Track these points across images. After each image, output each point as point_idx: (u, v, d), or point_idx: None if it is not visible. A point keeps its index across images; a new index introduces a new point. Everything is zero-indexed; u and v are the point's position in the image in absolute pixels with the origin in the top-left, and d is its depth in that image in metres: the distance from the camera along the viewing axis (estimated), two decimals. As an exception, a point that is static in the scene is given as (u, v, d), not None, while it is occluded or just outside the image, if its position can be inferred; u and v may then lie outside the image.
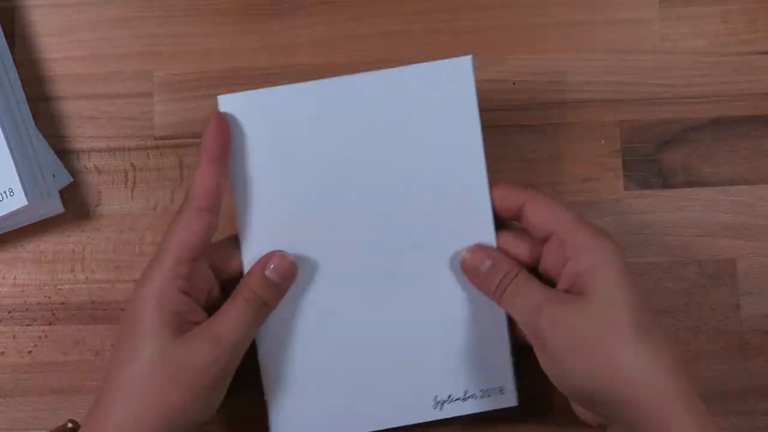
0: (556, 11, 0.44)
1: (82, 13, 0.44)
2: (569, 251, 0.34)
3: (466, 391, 0.39)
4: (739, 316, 0.42)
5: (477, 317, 0.38)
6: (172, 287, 0.34)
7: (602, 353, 0.32)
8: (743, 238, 0.43)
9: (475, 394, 0.39)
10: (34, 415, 0.42)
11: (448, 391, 0.38)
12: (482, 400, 0.39)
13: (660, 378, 0.32)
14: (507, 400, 0.39)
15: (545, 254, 0.36)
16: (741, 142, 0.43)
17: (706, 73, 0.43)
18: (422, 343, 0.38)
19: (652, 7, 0.44)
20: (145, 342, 0.34)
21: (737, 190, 0.43)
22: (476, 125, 0.37)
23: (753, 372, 0.42)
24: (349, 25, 0.44)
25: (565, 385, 0.34)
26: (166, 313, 0.34)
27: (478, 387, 0.39)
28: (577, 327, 0.33)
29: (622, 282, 0.33)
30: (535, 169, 0.43)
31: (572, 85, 0.43)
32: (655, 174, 0.43)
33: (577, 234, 0.35)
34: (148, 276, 0.35)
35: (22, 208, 0.40)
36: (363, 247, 0.38)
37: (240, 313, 0.35)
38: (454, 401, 0.39)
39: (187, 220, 0.35)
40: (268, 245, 0.37)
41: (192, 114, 0.44)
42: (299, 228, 0.37)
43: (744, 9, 0.44)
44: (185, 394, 0.33)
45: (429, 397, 0.38)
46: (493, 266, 0.36)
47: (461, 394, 0.39)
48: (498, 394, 0.39)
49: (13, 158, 0.40)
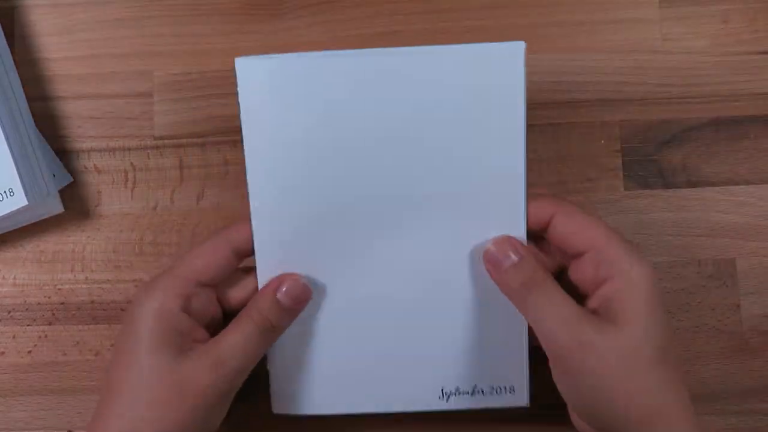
0: (556, 11, 0.44)
1: (82, 13, 0.45)
2: (602, 271, 0.33)
3: (475, 386, 0.37)
4: (739, 316, 0.42)
5: (496, 312, 0.37)
6: (175, 304, 0.34)
7: (625, 382, 0.32)
8: (743, 238, 0.43)
9: (483, 390, 0.37)
10: (34, 415, 0.42)
11: (457, 383, 0.37)
12: (491, 396, 0.37)
13: (674, 409, 0.32)
14: (517, 399, 0.38)
15: (574, 267, 0.35)
16: (741, 142, 0.43)
17: (706, 73, 0.43)
18: (436, 332, 0.37)
19: (652, 7, 0.44)
20: (143, 357, 0.33)
21: (737, 190, 0.43)
22: (521, 114, 0.35)
23: (753, 372, 0.42)
24: (349, 25, 0.44)
25: (574, 399, 0.34)
26: (167, 329, 0.33)
27: (488, 383, 0.37)
28: (606, 355, 0.32)
29: (652, 311, 0.33)
30: (535, 169, 0.43)
31: (572, 85, 0.43)
32: (655, 174, 0.43)
33: (613, 249, 0.33)
34: (151, 289, 0.34)
35: (22, 208, 0.40)
36: (385, 230, 0.36)
37: (245, 336, 0.34)
38: (461, 394, 0.37)
39: (212, 248, 0.35)
40: (283, 223, 0.36)
41: (192, 114, 0.44)
42: (320, 208, 0.36)
43: (744, 9, 0.44)
44: (183, 414, 0.33)
45: (436, 387, 0.38)
46: (520, 263, 0.34)
47: (469, 389, 0.37)
48: (508, 393, 0.38)
49: (13, 158, 0.40)
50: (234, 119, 0.44)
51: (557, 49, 0.44)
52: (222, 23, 0.44)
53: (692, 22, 0.44)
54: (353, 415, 0.39)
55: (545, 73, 0.43)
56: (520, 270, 0.34)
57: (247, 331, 0.34)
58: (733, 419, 0.42)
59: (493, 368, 0.37)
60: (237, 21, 0.44)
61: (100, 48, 0.44)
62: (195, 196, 0.43)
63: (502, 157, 0.35)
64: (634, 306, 0.33)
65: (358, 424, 0.41)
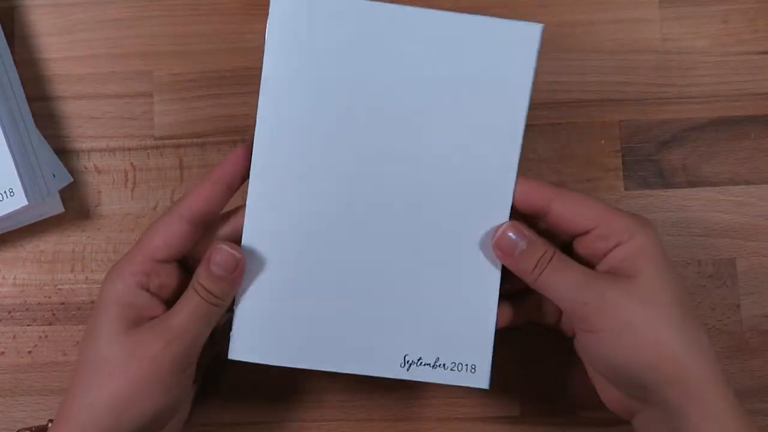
0: (556, 11, 0.44)
1: (82, 13, 0.44)
2: (611, 241, 0.35)
3: (438, 359, 0.37)
4: (739, 316, 0.42)
5: (468, 289, 0.37)
6: (132, 283, 0.35)
7: (650, 332, 0.33)
8: (743, 238, 0.43)
9: (445, 365, 0.37)
10: (34, 415, 0.42)
11: (420, 353, 0.37)
12: (451, 372, 0.37)
13: (703, 360, 0.33)
14: (477, 380, 0.37)
15: (581, 243, 0.36)
16: (741, 142, 0.43)
17: (706, 73, 0.43)
18: (407, 299, 0.37)
19: (653, 7, 0.44)
20: (100, 332, 0.34)
21: (737, 190, 0.43)
22: (526, 95, 0.36)
23: (753, 372, 0.42)
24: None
25: (606, 365, 0.35)
26: (122, 306, 0.34)
27: (451, 358, 0.37)
28: (626, 305, 0.33)
29: (666, 267, 0.34)
30: (535, 169, 0.43)
31: (572, 85, 0.43)
32: (655, 174, 0.43)
33: (618, 221, 0.35)
34: (112, 271, 0.36)
35: (22, 208, 0.40)
36: (371, 188, 0.36)
37: (192, 305, 0.35)
38: (422, 365, 0.37)
39: (166, 223, 0.35)
40: (281, 164, 0.36)
41: (192, 114, 0.44)
42: (318, 158, 0.36)
43: (744, 9, 0.44)
44: (132, 385, 0.33)
45: (399, 354, 0.37)
46: (529, 247, 0.35)
47: (431, 360, 0.37)
48: (469, 372, 0.37)
49: (13, 158, 0.40)
50: (234, 119, 0.44)
51: (557, 49, 0.44)
52: (222, 23, 0.44)
53: (692, 22, 0.44)
54: (313, 374, 0.38)
55: (545, 73, 0.43)
56: (530, 253, 0.35)
57: (193, 300, 0.35)
58: (733, 419, 0.42)
59: (458, 344, 0.37)
60: (237, 21, 0.44)
61: (100, 48, 0.44)
62: (195, 196, 0.43)
63: (500, 131, 0.36)
64: (645, 261, 0.34)
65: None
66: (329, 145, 0.36)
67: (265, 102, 0.36)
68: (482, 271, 0.37)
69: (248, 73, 0.44)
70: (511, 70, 0.36)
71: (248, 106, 0.44)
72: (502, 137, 0.36)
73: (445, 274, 0.37)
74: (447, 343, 0.37)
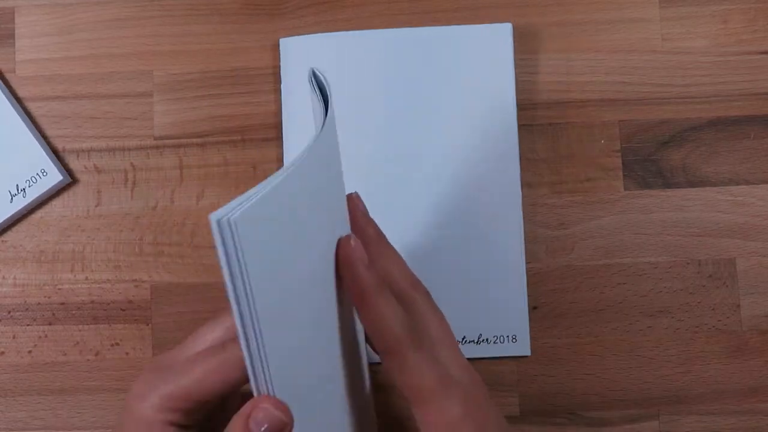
0: (556, 11, 0.44)
1: (82, 13, 0.45)
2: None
3: (481, 335, 0.41)
4: (739, 316, 0.42)
5: (498, 269, 0.41)
6: (162, 418, 0.29)
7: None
8: (743, 238, 0.43)
9: (488, 339, 0.41)
10: (34, 415, 0.42)
11: (464, 332, 0.41)
12: (495, 345, 0.41)
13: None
14: (520, 348, 0.41)
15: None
16: (741, 142, 0.43)
17: (706, 73, 0.43)
18: (448, 285, 0.41)
19: (652, 7, 0.44)
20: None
21: (737, 190, 0.43)
22: (511, 85, 0.42)
23: (753, 372, 0.42)
24: (348, 25, 0.44)
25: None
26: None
27: (492, 333, 0.41)
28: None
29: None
30: (535, 169, 0.43)
31: (572, 85, 0.43)
32: (655, 174, 0.43)
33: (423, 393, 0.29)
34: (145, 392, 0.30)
35: (58, 183, 0.43)
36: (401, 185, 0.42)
37: None
38: (467, 343, 0.41)
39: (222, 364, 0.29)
40: None
41: (192, 114, 0.44)
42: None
43: (744, 9, 0.44)
44: None
45: None
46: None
47: (475, 337, 0.41)
48: (511, 342, 0.41)
49: (38, 142, 0.43)
50: (233, 119, 0.44)
51: (557, 49, 0.44)
52: (222, 23, 0.44)
53: (692, 22, 0.44)
54: None
55: (545, 73, 0.43)
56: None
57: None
58: (733, 419, 0.42)
59: (497, 319, 0.41)
60: (237, 21, 0.44)
61: (100, 48, 0.44)
62: (195, 196, 0.43)
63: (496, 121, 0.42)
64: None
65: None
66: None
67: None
68: (510, 252, 0.41)
69: (248, 74, 0.44)
70: (494, 64, 0.42)
71: (248, 106, 0.44)
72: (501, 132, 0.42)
73: (477, 262, 0.41)
74: (488, 320, 0.41)
